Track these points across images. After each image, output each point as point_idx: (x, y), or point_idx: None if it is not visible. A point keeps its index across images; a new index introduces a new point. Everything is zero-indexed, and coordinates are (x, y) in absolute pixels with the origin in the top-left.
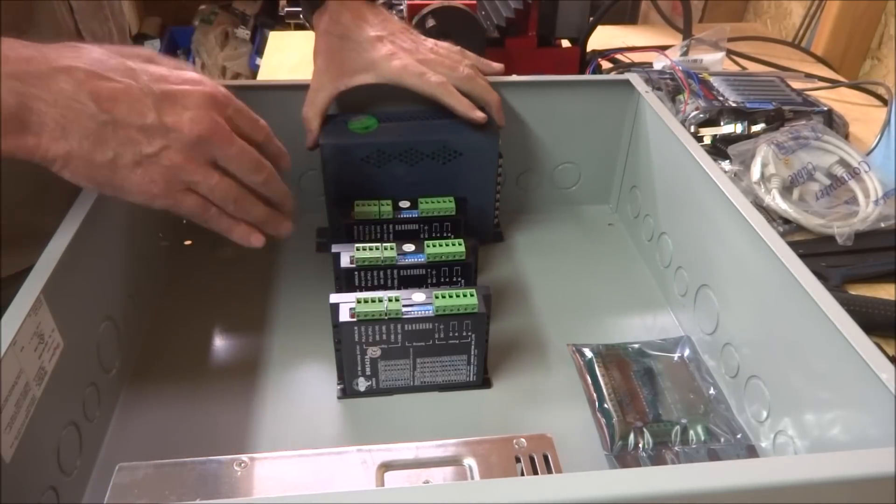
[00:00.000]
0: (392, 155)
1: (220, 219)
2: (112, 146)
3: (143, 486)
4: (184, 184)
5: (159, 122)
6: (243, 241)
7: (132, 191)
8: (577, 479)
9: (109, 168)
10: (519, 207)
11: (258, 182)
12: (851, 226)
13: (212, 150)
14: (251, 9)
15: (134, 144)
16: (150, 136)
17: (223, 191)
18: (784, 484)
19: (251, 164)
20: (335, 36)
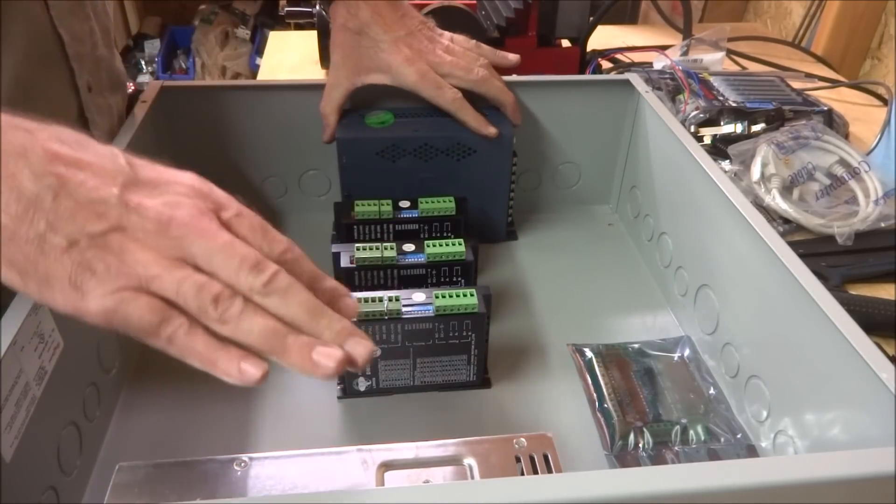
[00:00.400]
0: (406, 150)
1: (191, 336)
2: (46, 218)
3: (143, 485)
4: (133, 280)
5: (119, 199)
6: (232, 374)
7: (56, 284)
8: (577, 479)
9: (35, 246)
10: (519, 207)
11: (256, 286)
12: (851, 226)
13: (181, 241)
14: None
15: (77, 220)
16: (101, 212)
17: (197, 286)
18: (784, 484)
19: (244, 260)
20: (352, 31)
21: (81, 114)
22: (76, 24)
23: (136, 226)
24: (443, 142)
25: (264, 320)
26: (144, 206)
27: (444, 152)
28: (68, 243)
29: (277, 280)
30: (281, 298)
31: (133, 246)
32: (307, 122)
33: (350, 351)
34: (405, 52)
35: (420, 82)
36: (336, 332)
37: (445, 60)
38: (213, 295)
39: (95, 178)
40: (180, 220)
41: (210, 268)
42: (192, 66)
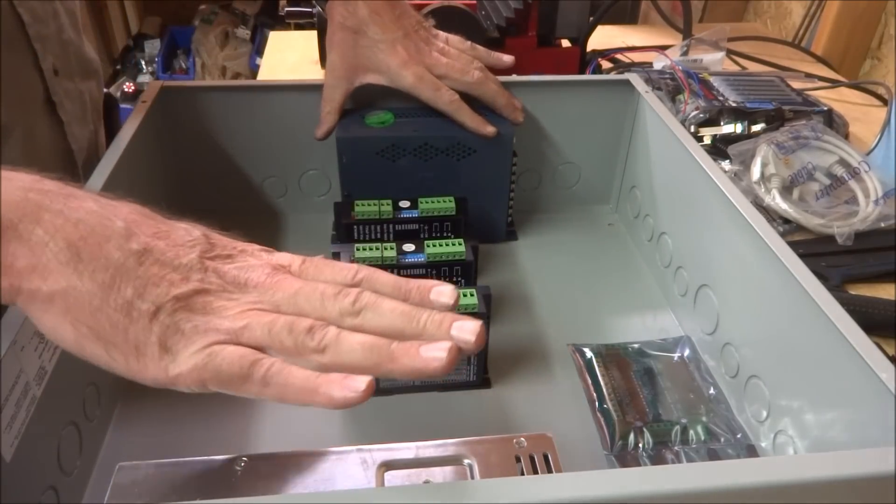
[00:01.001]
0: (406, 150)
1: (284, 372)
2: (133, 285)
3: (143, 486)
4: (222, 335)
5: (200, 263)
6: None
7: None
8: (577, 479)
9: (124, 314)
10: (519, 207)
11: (348, 307)
12: (851, 226)
13: (267, 296)
14: (251, 9)
15: (162, 285)
16: (184, 276)
17: (287, 326)
18: (784, 484)
19: (331, 292)
20: (350, 29)
21: (48, 98)
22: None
23: (218, 286)
24: (443, 141)
25: (363, 336)
26: (223, 270)
27: (444, 152)
28: (156, 308)
29: (363, 296)
30: (373, 311)
31: (217, 304)
32: (307, 122)
33: (456, 335)
34: (402, 54)
35: (417, 85)
36: (437, 323)
37: (441, 62)
38: (306, 327)
39: (176, 246)
40: (256, 280)
41: (295, 310)
42: (192, 66)
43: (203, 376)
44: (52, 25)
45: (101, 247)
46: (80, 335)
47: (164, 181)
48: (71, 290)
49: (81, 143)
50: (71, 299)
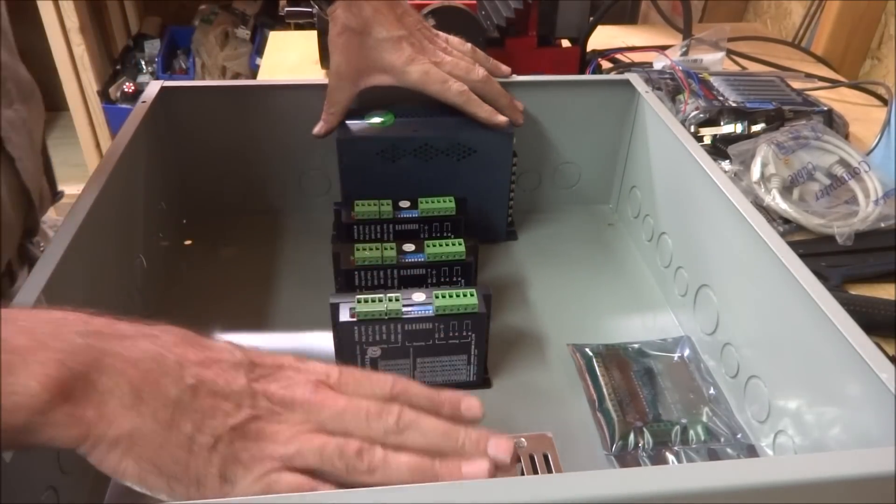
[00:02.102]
0: (406, 150)
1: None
2: (192, 419)
3: None
4: (277, 462)
5: (249, 388)
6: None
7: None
8: (577, 479)
9: (186, 449)
10: (519, 207)
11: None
12: (851, 226)
13: (313, 415)
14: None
15: (217, 416)
16: (237, 403)
17: (337, 449)
18: (784, 484)
19: (374, 411)
20: (354, 31)
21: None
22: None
23: (268, 410)
24: (443, 142)
25: (409, 457)
26: (270, 392)
27: (444, 152)
28: (214, 440)
29: (405, 415)
30: (415, 430)
31: (270, 429)
32: (307, 122)
33: (493, 454)
34: (408, 51)
35: (424, 79)
36: (475, 442)
37: (446, 60)
38: (355, 450)
39: (225, 373)
40: (302, 398)
41: (341, 429)
42: (192, 66)
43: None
44: None
45: (158, 385)
46: (142, 471)
47: (164, 181)
48: (135, 431)
49: (35, 181)
50: (135, 440)
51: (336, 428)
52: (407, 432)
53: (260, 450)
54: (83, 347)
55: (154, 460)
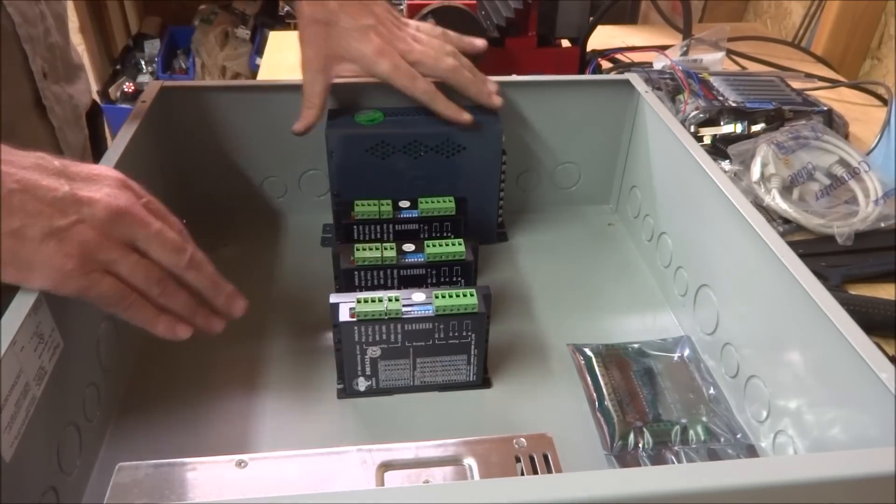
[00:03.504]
0: (396, 147)
1: (141, 307)
2: (19, 216)
3: (143, 486)
4: (100, 264)
5: (73, 195)
6: (168, 333)
7: (41, 266)
8: (577, 479)
9: (15, 238)
10: (519, 207)
11: (181, 265)
12: (851, 226)
13: (129, 229)
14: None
15: (44, 217)
16: (62, 209)
17: (145, 271)
18: (784, 484)
19: (173, 246)
20: (321, 22)
21: (38, 101)
22: (25, 4)
23: (91, 217)
24: (433, 138)
25: (186, 297)
26: (94, 200)
27: (434, 149)
28: (43, 235)
29: (196, 256)
30: (194, 273)
31: (93, 234)
32: None
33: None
34: (376, 41)
35: (393, 73)
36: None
37: (415, 49)
38: (155, 279)
39: (44, 181)
40: (122, 210)
41: (146, 249)
42: (192, 66)
43: (84, 295)
44: (39, 27)
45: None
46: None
47: (163, 181)
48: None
49: (75, 150)
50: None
51: (143, 247)
52: (190, 272)
53: (88, 250)
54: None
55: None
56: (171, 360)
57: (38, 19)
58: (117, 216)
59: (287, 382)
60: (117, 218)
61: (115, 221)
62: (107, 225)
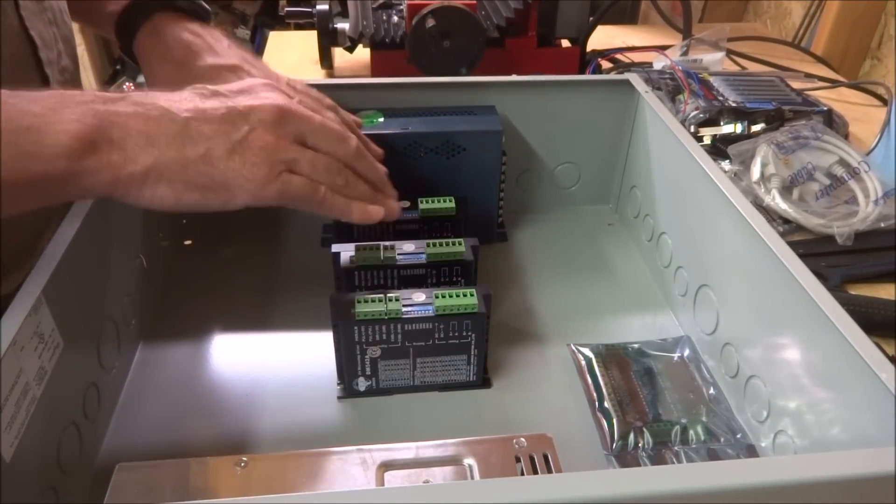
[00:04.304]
0: (396, 148)
1: (333, 198)
2: (201, 141)
3: (143, 486)
4: (283, 164)
5: (236, 109)
6: (364, 217)
7: (238, 181)
8: (577, 479)
9: (205, 163)
10: (519, 207)
11: (350, 154)
12: (851, 226)
13: (295, 125)
14: (251, 9)
15: (221, 134)
16: (233, 122)
17: (325, 163)
18: (784, 484)
19: (338, 136)
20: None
21: None
22: (42, 27)
23: (261, 122)
24: (433, 139)
25: (364, 186)
26: (256, 107)
27: (433, 150)
28: (227, 152)
29: (359, 148)
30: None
31: (268, 138)
32: None
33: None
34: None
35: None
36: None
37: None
38: (336, 169)
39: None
40: (285, 109)
41: (316, 144)
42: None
43: (282, 197)
44: (54, 50)
45: (160, 124)
46: (175, 192)
47: None
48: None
49: None
50: (161, 170)
51: (311, 142)
52: (359, 161)
53: (269, 154)
54: (89, 111)
55: (182, 179)
56: (171, 360)
57: (53, 42)
58: (282, 116)
59: (287, 382)
60: (282, 117)
61: (282, 121)
62: (276, 126)
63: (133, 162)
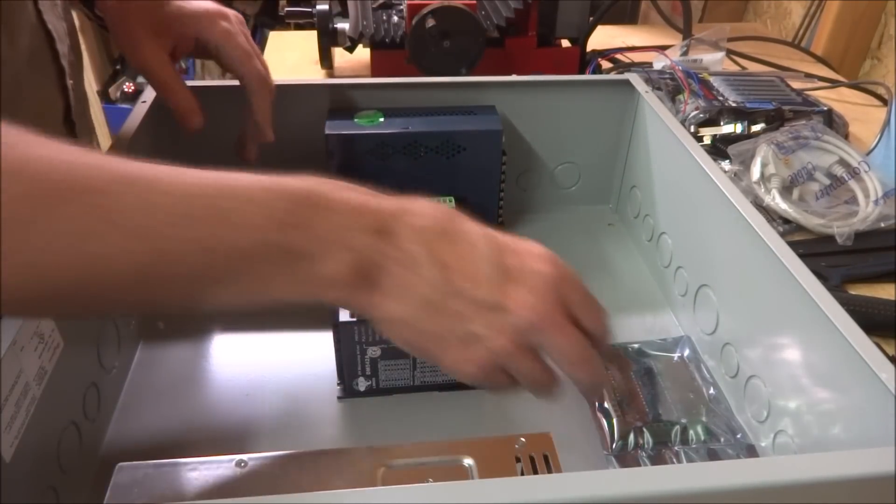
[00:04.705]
0: (396, 147)
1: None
2: (444, 320)
3: (143, 486)
4: (502, 366)
5: (494, 299)
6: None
7: (447, 363)
8: (577, 479)
9: (435, 340)
10: (519, 207)
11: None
12: (851, 226)
13: (542, 339)
14: (251, 9)
15: (465, 320)
16: (482, 313)
17: (540, 375)
18: (784, 484)
19: (579, 358)
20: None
21: (67, 117)
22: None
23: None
24: (432, 139)
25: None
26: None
27: (433, 150)
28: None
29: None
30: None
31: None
32: (306, 121)
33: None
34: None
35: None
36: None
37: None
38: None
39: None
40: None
41: (552, 354)
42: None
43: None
44: (66, 43)
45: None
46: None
47: None
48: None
49: None
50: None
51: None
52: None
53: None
54: (370, 247)
55: (413, 341)
56: (171, 360)
57: (65, 35)
58: (535, 328)
59: (287, 382)
60: (535, 330)
61: (531, 332)
62: (522, 335)
63: (385, 308)
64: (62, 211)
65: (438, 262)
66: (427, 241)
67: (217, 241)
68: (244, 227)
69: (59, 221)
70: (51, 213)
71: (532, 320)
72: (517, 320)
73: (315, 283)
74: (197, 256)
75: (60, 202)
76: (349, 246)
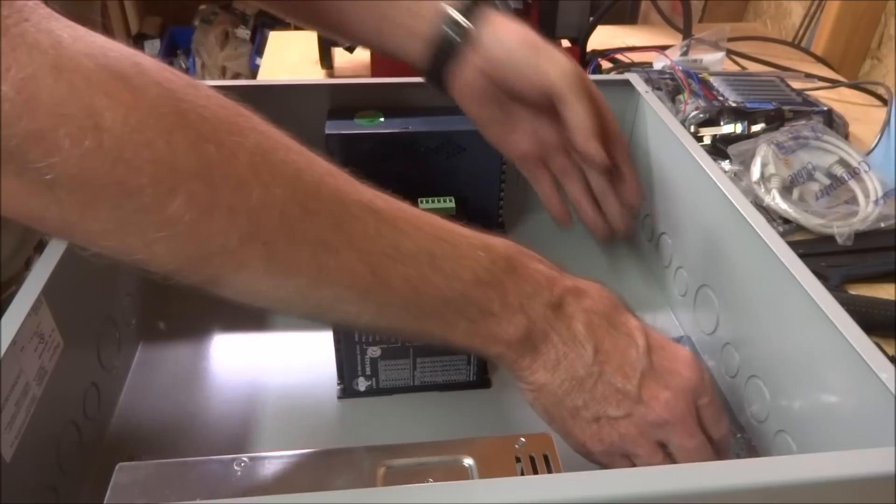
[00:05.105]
0: (396, 147)
1: None
2: (585, 396)
3: (143, 485)
4: (625, 451)
5: (636, 392)
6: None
7: (575, 437)
8: (577, 479)
9: (570, 413)
10: (519, 207)
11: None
12: (851, 226)
13: (670, 435)
14: (251, 9)
15: (603, 403)
16: (620, 400)
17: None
18: (784, 484)
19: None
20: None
21: None
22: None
23: (641, 416)
24: (432, 138)
25: None
26: (652, 404)
27: (433, 150)
28: (593, 418)
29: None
30: None
31: (634, 432)
32: (307, 122)
33: None
34: None
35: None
36: None
37: None
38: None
39: (622, 370)
40: (672, 422)
41: (677, 454)
42: (192, 67)
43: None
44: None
45: (574, 363)
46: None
47: None
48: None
49: None
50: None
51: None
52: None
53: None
54: (544, 318)
55: (550, 408)
56: (171, 360)
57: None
58: (665, 424)
59: (287, 382)
60: (664, 426)
61: (660, 428)
62: (651, 428)
63: (532, 372)
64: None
65: (596, 346)
66: (591, 324)
67: (425, 282)
68: (451, 278)
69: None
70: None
71: (665, 417)
72: (651, 414)
73: (488, 339)
74: (404, 292)
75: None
76: (528, 314)
